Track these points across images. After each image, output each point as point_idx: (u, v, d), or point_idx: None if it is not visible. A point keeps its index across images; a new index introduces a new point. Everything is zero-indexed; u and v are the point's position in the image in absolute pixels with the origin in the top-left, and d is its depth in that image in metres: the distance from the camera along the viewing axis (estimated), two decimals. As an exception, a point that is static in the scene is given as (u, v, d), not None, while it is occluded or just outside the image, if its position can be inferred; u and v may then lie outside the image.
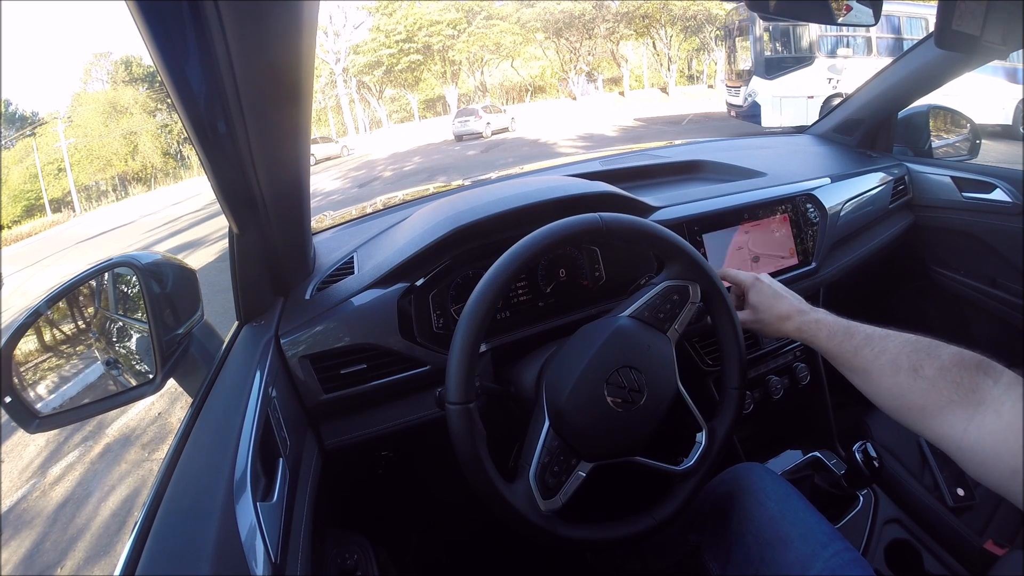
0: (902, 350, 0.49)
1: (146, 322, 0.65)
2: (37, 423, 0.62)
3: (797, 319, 0.60)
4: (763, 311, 0.64)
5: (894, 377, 0.48)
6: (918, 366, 0.47)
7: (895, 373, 0.48)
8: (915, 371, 0.47)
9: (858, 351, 0.52)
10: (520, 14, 23.05)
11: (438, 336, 0.80)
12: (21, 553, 1.94)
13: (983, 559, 0.82)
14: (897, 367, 0.48)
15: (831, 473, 0.93)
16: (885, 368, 0.49)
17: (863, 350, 0.52)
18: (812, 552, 0.59)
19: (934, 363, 0.46)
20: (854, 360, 0.52)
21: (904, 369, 0.47)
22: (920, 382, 0.46)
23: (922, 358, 0.47)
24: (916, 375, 0.46)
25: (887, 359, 0.49)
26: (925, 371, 0.46)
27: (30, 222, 21.93)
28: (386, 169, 12.35)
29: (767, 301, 0.65)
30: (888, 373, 0.49)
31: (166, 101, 24.94)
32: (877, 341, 0.51)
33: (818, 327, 0.57)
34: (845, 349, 0.53)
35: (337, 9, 24.22)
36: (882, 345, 0.51)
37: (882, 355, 0.50)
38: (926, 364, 0.46)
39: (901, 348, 0.49)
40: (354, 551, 0.74)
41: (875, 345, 0.51)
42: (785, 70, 7.58)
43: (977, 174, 1.18)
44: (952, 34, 0.86)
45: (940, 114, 1.38)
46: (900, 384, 0.47)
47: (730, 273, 0.72)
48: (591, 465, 0.58)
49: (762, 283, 0.68)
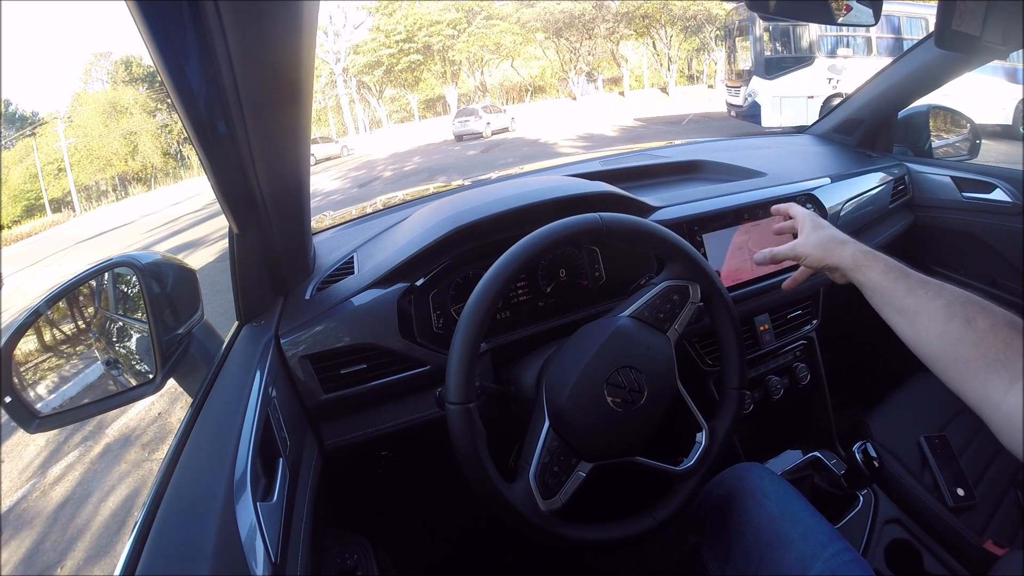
0: (957, 299, 0.47)
1: (146, 322, 0.65)
2: (37, 423, 0.62)
3: (852, 246, 0.58)
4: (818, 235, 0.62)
5: (946, 324, 0.46)
6: (971, 317, 0.45)
7: (948, 320, 0.46)
8: (968, 321, 0.45)
9: (912, 290, 0.50)
10: (520, 14, 23.05)
11: (438, 336, 0.80)
12: (21, 553, 1.94)
13: (983, 559, 0.82)
14: (951, 314, 0.46)
15: (831, 473, 0.93)
16: (938, 312, 0.47)
17: (917, 290, 0.50)
18: (812, 552, 0.59)
19: (987, 318, 0.45)
20: (906, 299, 0.50)
21: (957, 317, 0.46)
22: (971, 334, 0.45)
23: (976, 311, 0.46)
24: (968, 325, 0.45)
25: (941, 303, 0.48)
26: (977, 323, 0.45)
27: (30, 222, 21.93)
28: (386, 169, 12.35)
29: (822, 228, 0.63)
30: (941, 319, 0.47)
31: (166, 101, 24.94)
32: (932, 286, 0.50)
33: (875, 259, 0.55)
34: (898, 287, 0.51)
35: (337, 9, 24.24)
36: (937, 290, 0.49)
37: (936, 299, 0.48)
38: (979, 318, 0.45)
39: (956, 297, 0.48)
40: (354, 551, 0.74)
41: (930, 289, 0.49)
42: (785, 70, 7.57)
43: (977, 174, 1.19)
44: (952, 34, 0.86)
45: (940, 114, 1.38)
46: (951, 332, 0.46)
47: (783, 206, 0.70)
48: (591, 465, 0.58)
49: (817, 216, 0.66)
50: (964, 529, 0.85)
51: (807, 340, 1.08)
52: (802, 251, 0.63)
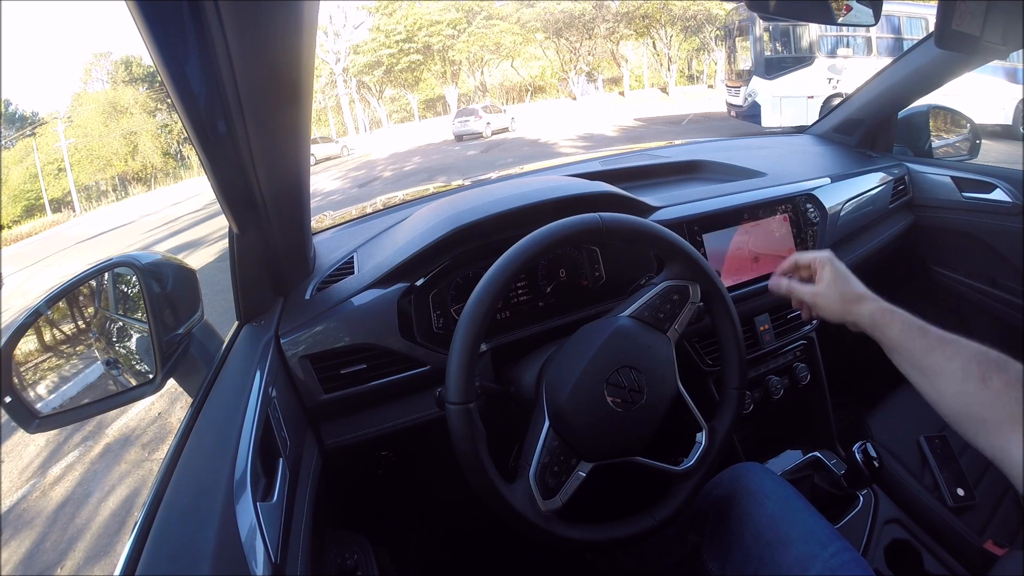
0: (973, 358, 0.48)
1: (146, 322, 0.65)
2: (37, 423, 0.62)
3: (871, 304, 0.59)
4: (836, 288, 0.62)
5: (962, 384, 0.47)
6: (987, 377, 0.46)
7: (964, 380, 0.47)
8: (983, 381, 0.46)
9: (930, 351, 0.51)
10: (520, 14, 23.04)
11: (438, 336, 0.80)
12: (21, 553, 1.94)
13: (983, 559, 0.82)
14: (967, 374, 0.47)
15: (831, 473, 0.93)
16: (955, 373, 0.48)
17: (935, 351, 0.51)
18: (811, 552, 0.59)
19: (1003, 376, 0.46)
20: (924, 359, 0.51)
21: (973, 377, 0.47)
22: (987, 393, 0.46)
23: (992, 370, 0.47)
24: (984, 386, 0.46)
25: (958, 364, 0.49)
26: (993, 383, 0.46)
27: (30, 222, 21.93)
28: (386, 169, 12.34)
29: (843, 280, 0.62)
30: (957, 379, 0.48)
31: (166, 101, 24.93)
32: (949, 345, 0.51)
33: (893, 317, 0.56)
34: (916, 346, 0.52)
35: (337, 9, 24.24)
36: (954, 349, 0.50)
37: (954, 359, 0.49)
38: (995, 377, 0.46)
39: (973, 356, 0.48)
40: (354, 551, 0.74)
41: (947, 348, 0.50)
42: (785, 70, 7.57)
43: (977, 174, 1.18)
44: (952, 34, 0.86)
45: (940, 114, 1.38)
46: (967, 392, 0.47)
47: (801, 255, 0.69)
48: (591, 465, 0.58)
49: (837, 262, 0.65)
50: (964, 529, 0.85)
51: (807, 340, 1.08)
52: (820, 302, 0.63)
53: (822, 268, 0.65)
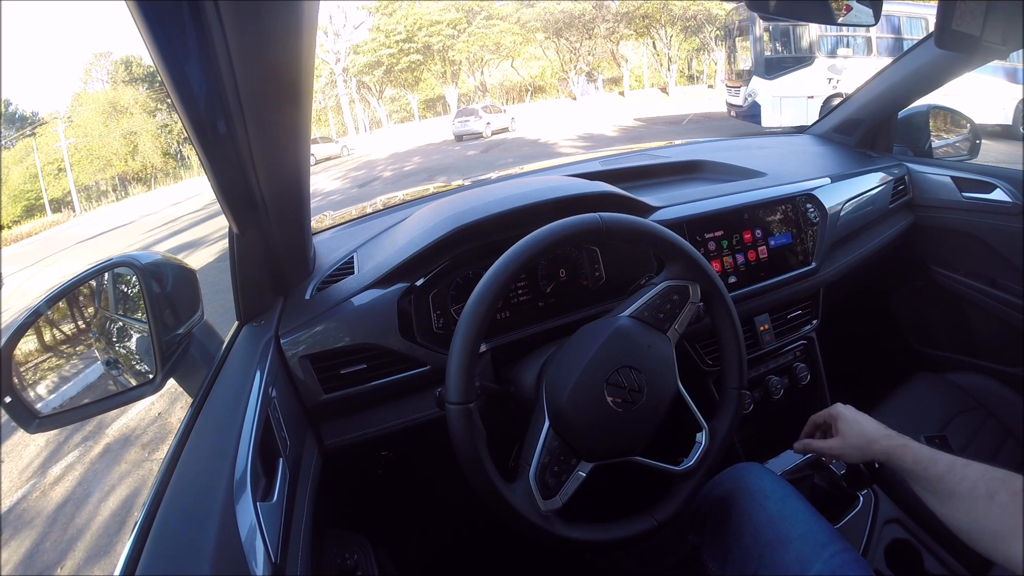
0: (980, 478, 0.53)
1: (146, 322, 0.65)
2: (37, 423, 0.62)
3: (884, 442, 0.63)
4: (852, 436, 0.67)
5: (972, 503, 0.52)
6: (994, 492, 0.51)
7: (973, 499, 0.52)
8: (991, 497, 0.51)
9: (941, 478, 0.56)
10: (520, 14, 23.03)
11: (438, 336, 0.80)
12: (21, 553, 1.94)
13: (983, 559, 0.82)
14: (975, 494, 0.52)
15: (831, 473, 0.92)
16: (965, 494, 0.53)
17: (946, 477, 0.55)
18: (811, 552, 0.59)
19: (1008, 489, 0.50)
20: (937, 485, 0.56)
21: (981, 496, 0.52)
22: (994, 508, 0.50)
23: (998, 485, 0.51)
24: (991, 501, 0.51)
25: (967, 486, 0.53)
26: (1000, 497, 0.50)
27: (30, 222, 21.93)
28: (386, 169, 12.34)
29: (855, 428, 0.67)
30: (967, 499, 0.53)
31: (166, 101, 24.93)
32: (959, 468, 0.55)
33: (904, 451, 0.60)
34: (929, 474, 0.57)
35: (337, 9, 24.23)
36: (962, 472, 0.55)
37: (962, 482, 0.54)
38: (1001, 491, 0.51)
39: (979, 476, 0.53)
40: (354, 551, 0.74)
41: (956, 472, 0.55)
42: (785, 70, 7.57)
43: (977, 174, 1.18)
44: (952, 34, 0.86)
45: (940, 114, 1.38)
46: (977, 510, 0.52)
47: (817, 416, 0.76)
48: (591, 465, 0.58)
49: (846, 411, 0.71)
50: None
51: (807, 340, 1.08)
52: (840, 452, 0.68)
53: (835, 423, 0.70)
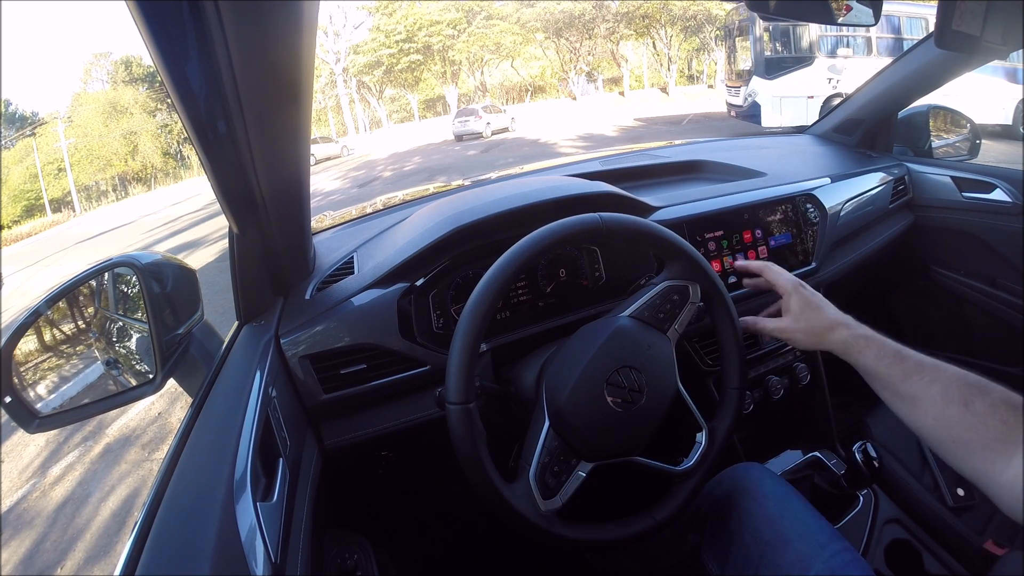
0: (953, 382, 0.48)
1: (146, 322, 0.65)
2: (37, 423, 0.62)
3: (844, 332, 0.57)
4: (805, 319, 0.60)
5: (944, 408, 0.47)
6: (968, 400, 0.46)
7: (945, 404, 0.47)
8: (965, 405, 0.46)
9: (907, 376, 0.51)
10: (520, 14, 23.04)
11: (438, 336, 0.80)
12: (21, 553, 1.94)
13: (983, 559, 0.82)
14: (948, 398, 0.47)
15: (831, 473, 0.93)
16: (935, 398, 0.48)
17: (913, 376, 0.51)
18: (811, 552, 0.59)
19: (984, 400, 0.46)
20: (902, 385, 0.51)
21: (955, 401, 0.47)
22: (969, 416, 0.46)
23: (973, 393, 0.47)
24: (966, 409, 0.46)
25: (938, 389, 0.49)
26: (975, 406, 0.46)
27: (30, 222, 21.93)
28: (386, 169, 12.35)
29: (811, 309, 0.61)
30: (938, 403, 0.48)
31: (166, 101, 24.93)
32: (928, 370, 0.50)
33: (867, 344, 0.55)
34: (894, 372, 0.52)
35: (337, 9, 24.23)
36: (933, 374, 0.50)
37: (933, 384, 0.49)
38: (976, 400, 0.46)
39: (952, 380, 0.48)
40: (354, 551, 0.74)
41: (926, 374, 0.50)
42: (785, 70, 7.57)
43: (977, 174, 1.18)
44: (952, 34, 0.86)
45: (940, 114, 1.38)
46: (949, 416, 0.47)
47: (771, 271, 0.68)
48: (591, 465, 0.58)
49: (805, 289, 0.64)
50: (964, 529, 0.85)
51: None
52: (791, 335, 0.62)
53: (788, 299, 0.63)
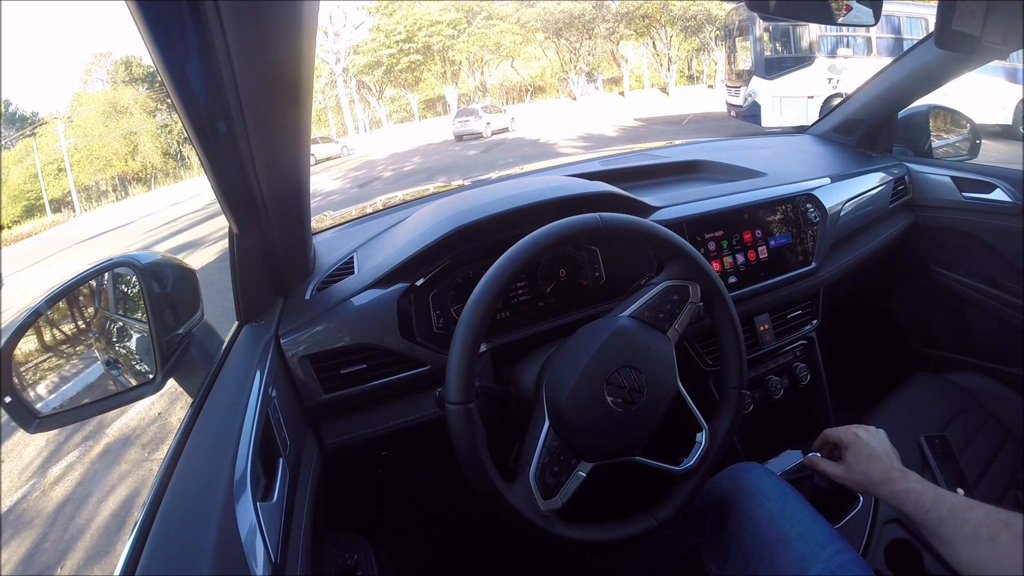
0: (983, 521, 0.53)
1: (146, 322, 0.65)
2: (37, 423, 0.62)
3: (888, 487, 0.62)
4: (858, 472, 0.66)
5: (974, 546, 0.52)
6: (995, 536, 0.51)
7: (975, 543, 0.52)
8: (992, 540, 0.51)
9: (943, 521, 0.56)
10: (520, 14, 23.03)
11: (438, 336, 0.80)
12: (21, 553, 1.94)
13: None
14: (977, 537, 0.52)
15: (831, 473, 0.93)
16: (967, 538, 0.53)
17: (948, 521, 0.55)
18: (811, 552, 0.59)
19: (1010, 532, 0.51)
20: (938, 529, 0.56)
21: (983, 540, 0.52)
22: (996, 550, 0.51)
23: (1000, 528, 0.51)
24: (993, 544, 0.51)
25: (969, 530, 0.53)
26: (1001, 540, 0.51)
27: (30, 222, 21.93)
28: (386, 169, 12.35)
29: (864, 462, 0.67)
30: (969, 542, 0.53)
31: (166, 101, 24.93)
32: (961, 512, 0.55)
33: (907, 496, 0.60)
34: (931, 519, 0.57)
35: (337, 9, 24.22)
36: (964, 516, 0.55)
37: (964, 526, 0.54)
38: (1003, 534, 0.51)
39: (982, 519, 0.53)
40: (354, 551, 0.74)
41: (960, 516, 0.55)
42: (785, 70, 7.57)
43: (977, 174, 1.18)
44: (952, 34, 0.86)
45: (940, 114, 1.38)
46: (978, 553, 0.52)
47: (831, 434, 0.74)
48: (591, 465, 0.58)
49: (861, 442, 0.69)
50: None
51: (807, 340, 1.08)
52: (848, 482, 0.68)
53: (845, 452, 0.70)
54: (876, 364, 1.43)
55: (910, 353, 1.39)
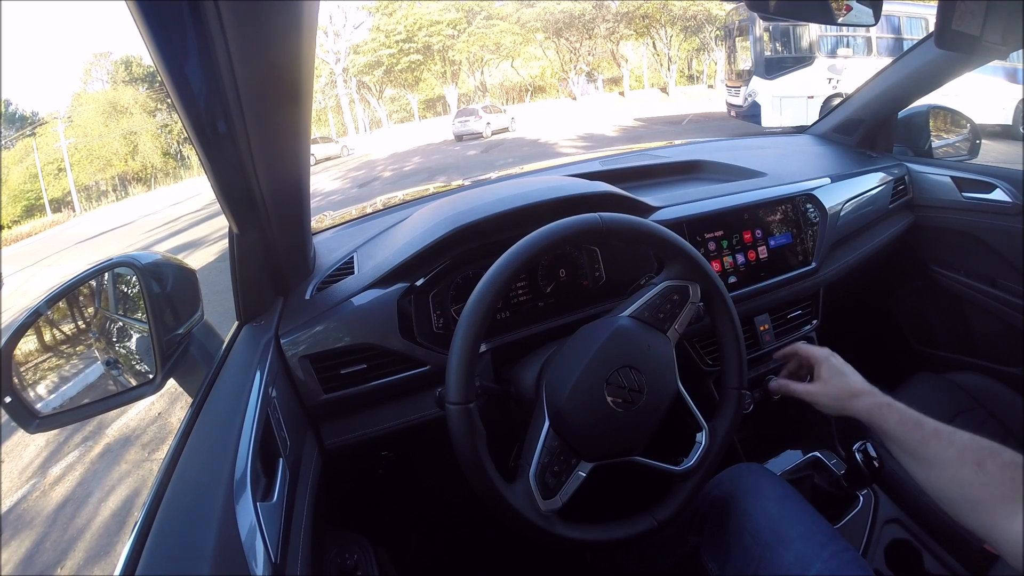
0: (968, 446, 0.51)
1: (146, 322, 0.65)
2: (37, 423, 0.62)
3: (868, 399, 0.62)
4: (833, 385, 0.66)
5: (957, 470, 0.51)
6: (981, 462, 0.49)
7: (959, 466, 0.51)
8: (978, 466, 0.49)
9: (926, 442, 0.54)
10: (520, 14, 23.03)
11: (438, 336, 0.80)
12: (21, 553, 1.94)
13: (983, 559, 0.82)
14: (962, 461, 0.51)
15: (831, 473, 0.93)
16: (951, 460, 0.52)
17: (931, 442, 0.54)
18: (811, 552, 0.59)
19: (996, 460, 0.49)
20: (920, 450, 0.54)
21: (968, 463, 0.50)
22: (981, 476, 0.49)
23: (985, 455, 0.50)
24: (979, 469, 0.49)
25: (953, 452, 0.52)
26: (987, 466, 0.49)
27: (30, 222, 21.93)
28: (386, 169, 12.35)
29: (838, 376, 0.66)
30: (952, 465, 0.51)
31: (166, 101, 24.93)
32: (945, 435, 0.54)
33: (889, 411, 0.59)
34: (913, 438, 0.55)
35: (337, 9, 24.23)
36: (949, 439, 0.53)
37: (949, 448, 0.52)
38: (988, 461, 0.49)
39: (968, 444, 0.52)
40: (354, 551, 0.74)
41: (943, 438, 0.53)
42: (785, 70, 7.57)
43: (977, 174, 1.18)
44: (952, 34, 0.86)
45: (940, 114, 1.38)
46: (961, 477, 0.50)
47: (802, 348, 0.74)
48: (591, 465, 0.58)
49: (835, 358, 0.69)
50: (964, 529, 0.85)
51: (807, 340, 1.08)
52: (818, 399, 0.67)
53: (819, 367, 0.68)
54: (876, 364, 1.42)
55: (910, 353, 1.39)
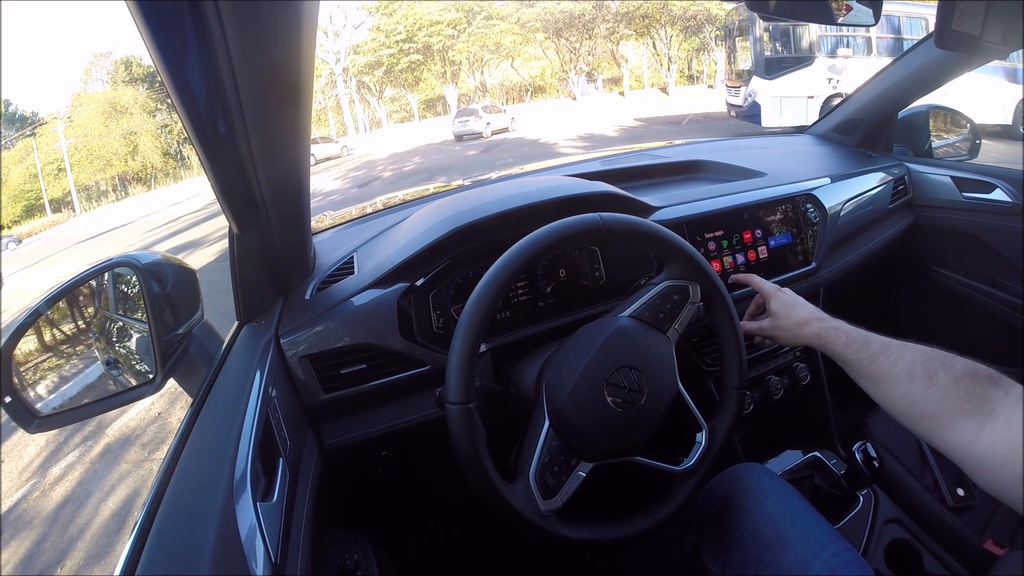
0: (917, 359, 0.50)
1: (146, 322, 0.65)
2: (37, 423, 0.62)
3: (817, 325, 0.63)
4: (784, 317, 0.67)
5: (909, 384, 0.49)
6: (932, 375, 0.48)
7: (910, 380, 0.49)
8: (930, 379, 0.48)
9: (875, 359, 0.54)
10: (520, 14, 23.03)
11: (438, 336, 0.80)
12: (21, 553, 1.94)
13: (983, 559, 0.82)
14: (912, 375, 0.49)
15: (831, 473, 0.93)
16: (900, 375, 0.50)
17: (880, 358, 0.53)
18: (811, 552, 0.59)
19: (948, 372, 0.47)
20: (871, 368, 0.54)
21: (919, 377, 0.49)
22: (934, 390, 0.47)
23: (936, 367, 0.48)
24: (931, 383, 0.48)
25: (903, 367, 0.51)
26: (939, 379, 0.47)
27: (30, 222, 21.97)
28: (386, 169, 12.35)
29: (788, 308, 0.67)
30: (903, 380, 0.50)
31: (166, 101, 24.94)
32: (894, 350, 0.53)
33: (837, 334, 0.59)
34: (862, 356, 0.55)
35: (337, 9, 24.23)
36: (898, 354, 0.52)
37: (898, 363, 0.51)
38: (940, 373, 0.48)
39: (916, 357, 0.50)
40: (354, 551, 0.74)
41: (891, 353, 0.53)
42: (785, 70, 7.57)
43: (977, 174, 1.18)
44: (952, 34, 0.86)
45: (940, 114, 1.38)
46: (914, 391, 0.49)
47: (755, 280, 0.75)
48: (591, 465, 0.58)
49: (784, 292, 0.71)
50: (964, 529, 0.85)
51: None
52: (772, 333, 0.69)
53: (769, 301, 0.71)
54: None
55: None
